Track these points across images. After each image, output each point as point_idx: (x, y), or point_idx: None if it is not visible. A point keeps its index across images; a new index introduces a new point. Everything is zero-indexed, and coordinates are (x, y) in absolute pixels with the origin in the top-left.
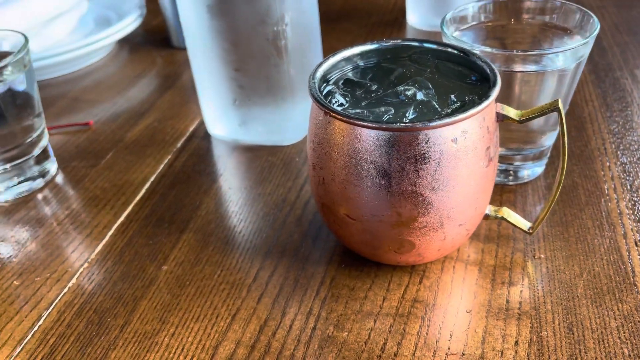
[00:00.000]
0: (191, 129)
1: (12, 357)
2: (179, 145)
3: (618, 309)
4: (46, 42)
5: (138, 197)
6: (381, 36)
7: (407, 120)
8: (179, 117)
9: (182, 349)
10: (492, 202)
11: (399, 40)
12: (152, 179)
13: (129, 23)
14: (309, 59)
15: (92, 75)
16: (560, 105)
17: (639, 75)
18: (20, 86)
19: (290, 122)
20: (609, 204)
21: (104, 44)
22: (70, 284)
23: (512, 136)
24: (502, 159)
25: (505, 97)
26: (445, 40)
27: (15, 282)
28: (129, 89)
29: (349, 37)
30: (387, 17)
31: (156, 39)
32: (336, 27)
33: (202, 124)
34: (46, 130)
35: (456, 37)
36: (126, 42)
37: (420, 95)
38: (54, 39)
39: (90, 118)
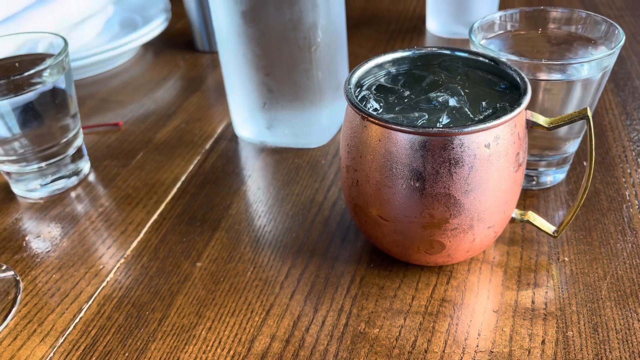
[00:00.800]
0: (219, 130)
1: (56, 347)
2: (207, 146)
3: None
4: (74, 44)
5: (170, 196)
6: (401, 43)
7: (442, 126)
8: (206, 119)
9: (220, 342)
10: (516, 207)
11: (429, 48)
12: (182, 178)
13: (155, 27)
14: (336, 64)
15: (119, 77)
16: (589, 113)
17: None
18: (59, 87)
19: (317, 126)
20: (631, 209)
21: (131, 47)
22: (108, 279)
23: (537, 143)
24: (526, 164)
25: (530, 105)
26: (472, 48)
27: (54, 275)
28: (156, 91)
29: (370, 43)
30: (407, 24)
31: (180, 42)
32: (357, 33)
33: (229, 126)
34: (81, 130)
35: (483, 45)
36: (151, 45)
37: (452, 102)
38: (82, 41)
39: (119, 119)
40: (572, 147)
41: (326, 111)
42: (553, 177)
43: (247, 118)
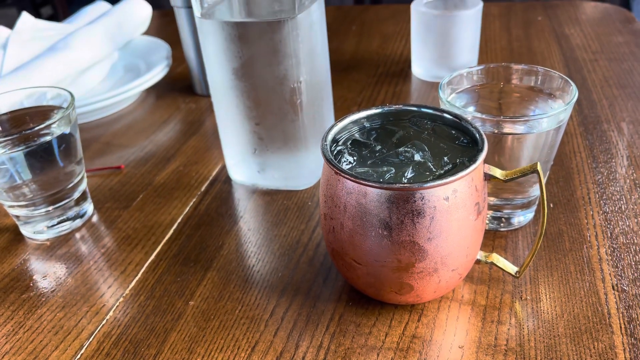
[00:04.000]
0: (214, 173)
1: None
2: (203, 188)
3: (594, 347)
4: (80, 90)
5: (166, 238)
6: (387, 87)
7: (406, 181)
8: (202, 162)
9: None
10: (485, 247)
11: (400, 105)
12: (179, 220)
13: (157, 73)
14: (321, 113)
15: (122, 121)
16: (539, 167)
17: (624, 128)
18: (66, 137)
19: (304, 170)
20: (591, 250)
21: (134, 93)
22: (107, 317)
23: (504, 187)
24: (494, 207)
25: (494, 152)
26: (441, 104)
27: (59, 314)
28: (157, 134)
29: (358, 86)
30: (393, 68)
31: (180, 86)
32: (346, 77)
33: (223, 168)
34: (85, 175)
35: (451, 100)
36: (152, 89)
37: (417, 157)
38: (88, 86)
39: (122, 162)
40: (535, 190)
41: (312, 156)
42: (520, 218)
43: (239, 162)
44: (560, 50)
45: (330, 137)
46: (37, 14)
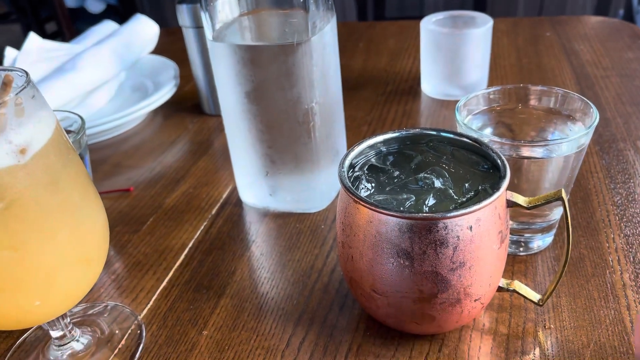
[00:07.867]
0: (224, 195)
1: None
2: (213, 211)
3: None
4: (88, 110)
5: (178, 263)
6: (397, 105)
7: (427, 209)
8: (212, 184)
9: None
10: (505, 273)
11: (417, 129)
12: (190, 244)
13: (165, 93)
14: (334, 135)
15: (130, 141)
16: (564, 194)
17: None
18: None
19: (316, 192)
20: (614, 275)
21: (142, 113)
22: (119, 346)
23: (523, 211)
24: (513, 231)
25: (513, 179)
26: (457, 126)
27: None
28: (166, 155)
29: (367, 105)
30: (402, 85)
31: (189, 105)
32: (355, 95)
33: (234, 190)
34: None
35: (468, 122)
36: (160, 108)
37: (437, 184)
38: (95, 107)
39: (130, 183)
40: (555, 214)
41: (324, 178)
42: (539, 242)
43: (251, 185)
44: (570, 66)
45: (347, 163)
46: (42, 30)
